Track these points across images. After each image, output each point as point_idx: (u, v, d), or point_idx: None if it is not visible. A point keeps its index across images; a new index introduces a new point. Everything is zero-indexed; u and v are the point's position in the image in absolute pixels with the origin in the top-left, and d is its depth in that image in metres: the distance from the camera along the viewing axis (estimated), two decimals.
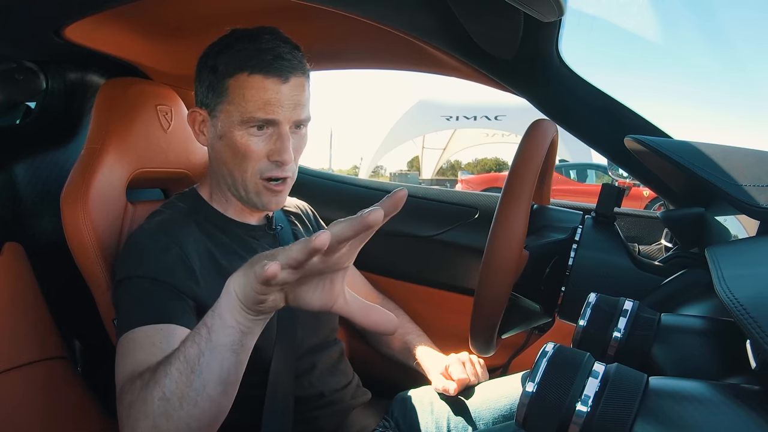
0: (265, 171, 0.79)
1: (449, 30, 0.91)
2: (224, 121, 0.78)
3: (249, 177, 0.79)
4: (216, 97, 0.78)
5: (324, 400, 0.86)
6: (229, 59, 0.76)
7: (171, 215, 0.81)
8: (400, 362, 1.03)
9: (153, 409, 0.57)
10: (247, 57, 0.75)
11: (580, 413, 0.36)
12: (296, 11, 0.95)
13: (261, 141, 0.78)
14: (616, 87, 14.41)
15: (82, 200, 0.81)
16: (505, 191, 0.72)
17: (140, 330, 0.68)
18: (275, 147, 0.78)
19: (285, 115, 0.77)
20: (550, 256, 0.83)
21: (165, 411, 0.57)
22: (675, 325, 0.50)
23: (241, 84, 0.76)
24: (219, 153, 0.81)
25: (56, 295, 0.95)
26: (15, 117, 1.15)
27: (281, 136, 0.77)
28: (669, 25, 54.08)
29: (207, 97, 0.80)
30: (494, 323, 0.74)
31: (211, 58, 0.79)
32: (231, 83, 0.76)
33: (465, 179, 10.65)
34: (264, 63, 0.75)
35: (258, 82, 0.75)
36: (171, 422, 0.57)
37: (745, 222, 0.65)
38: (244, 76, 0.75)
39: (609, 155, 1.01)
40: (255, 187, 0.80)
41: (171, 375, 0.57)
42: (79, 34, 0.91)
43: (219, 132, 0.79)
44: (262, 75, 0.75)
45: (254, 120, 0.76)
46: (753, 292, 0.39)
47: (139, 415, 0.58)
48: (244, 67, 0.75)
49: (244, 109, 0.76)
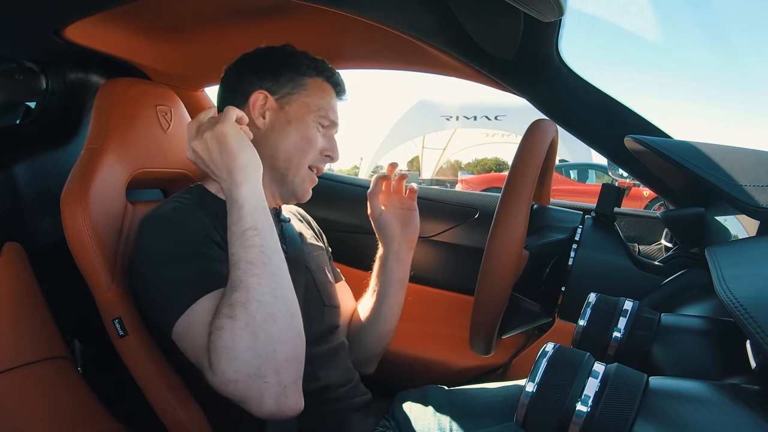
0: (316, 161, 0.91)
1: (449, 30, 0.91)
2: (298, 109, 0.89)
3: (305, 162, 0.89)
4: (292, 88, 0.89)
5: (328, 396, 0.86)
6: (309, 62, 0.91)
7: (182, 203, 0.82)
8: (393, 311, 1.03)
9: (257, 322, 0.64)
10: (322, 67, 0.92)
11: (580, 413, 0.36)
12: (296, 11, 0.95)
13: (321, 136, 0.91)
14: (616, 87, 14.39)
15: (82, 200, 0.81)
16: (505, 191, 0.72)
17: (203, 299, 0.70)
18: (329, 145, 0.92)
19: (338, 123, 0.93)
20: (550, 256, 0.83)
21: (268, 314, 0.65)
22: (675, 325, 0.50)
23: (319, 86, 0.91)
24: (283, 136, 0.88)
25: (56, 295, 0.95)
26: (15, 117, 1.15)
27: (332, 137, 0.93)
28: (669, 25, 54.08)
29: (278, 86, 0.89)
30: (494, 323, 0.74)
31: (285, 56, 0.91)
32: (311, 82, 0.90)
33: (465, 179, 10.64)
34: (334, 77, 0.93)
35: (329, 90, 0.92)
36: (276, 323, 0.65)
37: (745, 222, 0.65)
38: (321, 80, 0.91)
39: (609, 155, 1.01)
40: (303, 174, 0.90)
41: (250, 286, 0.66)
42: (79, 34, 0.91)
43: (289, 118, 0.88)
44: (332, 86, 0.93)
45: (327, 118, 0.90)
46: (753, 292, 0.39)
47: (244, 348, 0.63)
48: (321, 74, 0.91)
49: (322, 104, 0.90)
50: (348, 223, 1.31)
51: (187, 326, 0.69)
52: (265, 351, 0.64)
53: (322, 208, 1.14)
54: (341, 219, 1.31)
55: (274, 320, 0.65)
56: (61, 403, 0.85)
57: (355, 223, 1.29)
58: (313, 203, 1.12)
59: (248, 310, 0.64)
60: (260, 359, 0.63)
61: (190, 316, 0.69)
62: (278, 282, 0.68)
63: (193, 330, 0.69)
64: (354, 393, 0.92)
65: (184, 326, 0.70)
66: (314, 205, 1.11)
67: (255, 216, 0.71)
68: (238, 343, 0.63)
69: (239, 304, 0.65)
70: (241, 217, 0.70)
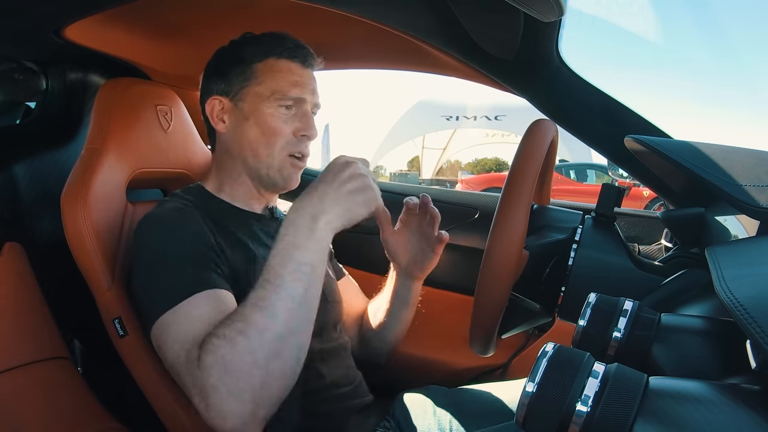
0: (291, 146, 0.85)
1: (449, 30, 0.91)
2: (252, 101, 0.84)
3: (277, 152, 0.85)
4: (242, 82, 0.85)
5: (330, 395, 0.86)
6: (255, 48, 0.85)
7: (181, 203, 0.83)
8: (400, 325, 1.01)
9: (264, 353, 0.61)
10: (274, 44, 0.84)
11: (580, 413, 0.36)
12: (296, 11, 0.95)
13: (288, 119, 0.84)
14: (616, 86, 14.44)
15: (82, 200, 0.81)
16: (505, 191, 0.72)
17: (189, 300, 0.68)
18: (301, 124, 0.85)
19: (309, 97, 0.86)
20: (550, 256, 0.83)
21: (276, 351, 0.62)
22: (675, 325, 0.50)
23: (270, 67, 0.84)
24: (244, 134, 0.85)
25: (56, 295, 0.95)
26: (15, 117, 1.15)
27: (306, 114, 0.86)
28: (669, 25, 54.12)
29: (229, 85, 0.86)
30: (494, 323, 0.74)
31: (233, 51, 0.86)
32: (260, 67, 0.84)
33: (465, 179, 10.64)
34: (290, 49, 0.84)
35: (286, 65, 0.84)
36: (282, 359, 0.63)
37: (745, 222, 0.65)
38: (272, 60, 0.84)
39: (609, 155, 1.01)
40: (281, 162, 0.85)
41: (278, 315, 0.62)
42: (79, 34, 0.91)
43: (246, 114, 0.85)
44: (289, 59, 0.84)
45: (285, 97, 0.83)
46: (753, 292, 0.39)
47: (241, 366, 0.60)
48: (271, 53, 0.84)
49: (276, 86, 0.83)
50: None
51: (167, 325, 0.68)
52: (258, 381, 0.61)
53: None
54: None
55: (279, 357, 0.63)
56: (61, 403, 0.85)
57: (361, 223, 1.28)
58: None
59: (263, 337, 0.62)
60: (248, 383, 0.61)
61: (173, 316, 0.68)
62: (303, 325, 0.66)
63: (176, 328, 0.67)
64: (356, 394, 0.92)
65: (164, 325, 0.69)
66: None
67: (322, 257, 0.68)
68: (238, 359, 0.61)
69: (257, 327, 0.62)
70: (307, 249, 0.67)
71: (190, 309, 0.68)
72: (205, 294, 0.70)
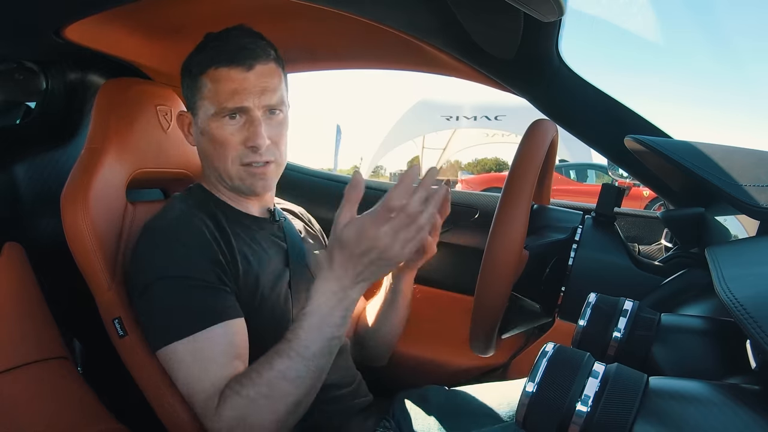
0: (243, 157, 0.82)
1: (449, 30, 0.91)
2: (202, 116, 0.83)
3: (230, 165, 0.83)
4: (193, 96, 0.84)
5: (329, 396, 0.86)
6: (201, 59, 0.82)
7: (183, 209, 0.82)
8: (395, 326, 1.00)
9: (285, 410, 0.68)
10: (215, 52, 0.80)
11: (580, 413, 0.36)
12: (296, 11, 0.95)
13: (235, 129, 0.81)
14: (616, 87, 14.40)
15: (82, 200, 0.81)
16: (505, 191, 0.72)
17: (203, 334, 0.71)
18: (248, 133, 0.81)
19: (254, 102, 0.80)
20: (550, 256, 0.83)
21: (296, 406, 0.68)
22: (675, 325, 0.50)
23: (210, 78, 0.80)
24: (203, 148, 0.85)
25: (56, 295, 0.95)
26: (15, 117, 1.15)
27: (253, 121, 0.81)
28: (669, 25, 54.09)
29: (188, 99, 0.86)
30: (494, 323, 0.74)
31: (187, 62, 0.85)
32: (203, 80, 0.81)
33: (465, 179, 10.64)
34: (227, 54, 0.79)
35: (224, 74, 0.79)
36: (299, 410, 0.70)
37: (745, 222, 0.65)
38: (212, 70, 0.80)
39: (609, 155, 1.01)
40: (237, 173, 0.83)
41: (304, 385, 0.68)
42: (79, 34, 0.91)
43: (200, 128, 0.84)
44: (227, 66, 0.79)
45: (225, 110, 0.80)
46: (753, 292, 0.39)
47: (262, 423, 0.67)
48: (211, 63, 0.80)
49: (216, 100, 0.80)
50: None
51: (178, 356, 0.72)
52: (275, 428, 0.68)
53: (322, 208, 1.14)
54: None
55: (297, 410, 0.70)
56: (61, 403, 0.85)
57: None
58: (315, 204, 1.12)
59: (287, 401, 0.68)
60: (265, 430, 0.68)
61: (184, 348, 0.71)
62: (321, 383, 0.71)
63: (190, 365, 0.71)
64: (356, 395, 0.92)
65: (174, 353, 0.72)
66: (316, 206, 1.11)
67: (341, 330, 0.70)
68: (260, 417, 0.67)
69: (282, 393, 0.67)
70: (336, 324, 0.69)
71: (203, 344, 0.71)
72: (218, 328, 0.72)
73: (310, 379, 0.68)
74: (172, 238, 0.77)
